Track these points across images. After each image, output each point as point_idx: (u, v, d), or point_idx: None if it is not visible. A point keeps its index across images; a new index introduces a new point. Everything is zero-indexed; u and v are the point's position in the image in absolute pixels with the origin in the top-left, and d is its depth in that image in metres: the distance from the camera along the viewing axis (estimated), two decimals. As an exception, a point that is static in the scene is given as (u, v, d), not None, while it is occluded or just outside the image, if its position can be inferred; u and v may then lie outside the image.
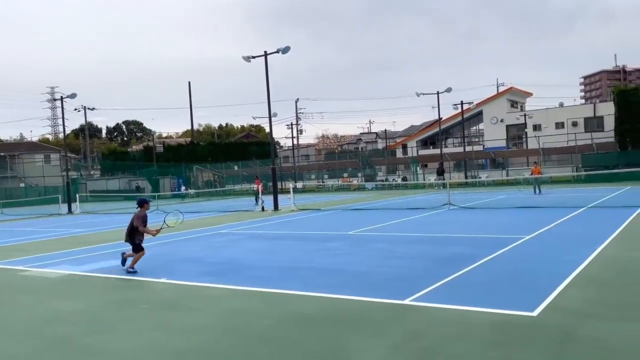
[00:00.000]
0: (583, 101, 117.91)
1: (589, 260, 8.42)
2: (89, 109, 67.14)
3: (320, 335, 5.42)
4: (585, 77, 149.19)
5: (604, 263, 8.26)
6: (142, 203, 9.51)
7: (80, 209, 32.14)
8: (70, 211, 31.94)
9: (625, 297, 6.33)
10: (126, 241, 9.68)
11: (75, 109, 66.92)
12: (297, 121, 72.96)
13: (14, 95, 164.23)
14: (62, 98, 35.57)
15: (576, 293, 6.50)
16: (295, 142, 71.02)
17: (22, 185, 57.12)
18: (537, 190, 28.05)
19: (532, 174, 29.79)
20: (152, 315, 6.63)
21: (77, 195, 34.21)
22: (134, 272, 9.32)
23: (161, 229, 9.59)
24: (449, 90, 45.55)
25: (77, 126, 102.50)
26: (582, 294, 6.49)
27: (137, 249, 9.51)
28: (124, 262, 9.83)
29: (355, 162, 58.57)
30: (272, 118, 28.59)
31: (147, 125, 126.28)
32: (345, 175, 55.90)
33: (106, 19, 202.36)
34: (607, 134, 48.69)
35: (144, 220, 9.37)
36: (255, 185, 29.95)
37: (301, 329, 5.64)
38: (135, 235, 9.46)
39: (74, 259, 11.88)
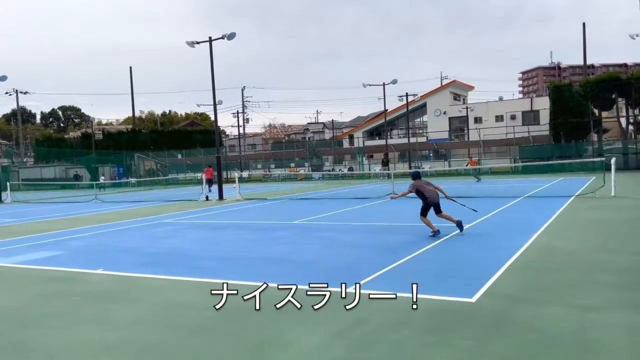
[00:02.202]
0: (521, 95, 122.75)
1: (525, 248, 8.76)
2: (21, 92, 63.48)
3: (260, 324, 5.34)
4: (523, 73, 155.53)
5: (538, 250, 8.62)
6: (417, 176, 10.91)
7: (12, 198, 30.49)
8: (0, 200, 30.23)
9: (555, 281, 6.62)
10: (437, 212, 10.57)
11: (7, 93, 63.18)
12: (243, 109, 71.90)
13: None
14: (-9, 80, 33.42)
15: (512, 279, 6.75)
16: (241, 130, 70.14)
17: (-54, 172, 53.44)
18: (477, 178, 30.66)
19: (468, 165, 33.99)
20: (86, 308, 6.33)
21: (8, 184, 32.41)
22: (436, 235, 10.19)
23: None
24: (394, 82, 46.23)
25: (8, 111, 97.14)
26: (518, 279, 6.74)
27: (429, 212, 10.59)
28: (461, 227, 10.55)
29: (303, 152, 58.57)
30: (218, 106, 28.02)
31: (86, 111, 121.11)
32: (292, 165, 55.80)
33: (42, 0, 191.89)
34: (543, 127, 51.00)
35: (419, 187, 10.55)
36: (201, 175, 29.32)
37: (241, 319, 5.54)
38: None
39: (3, 250, 11.20)
